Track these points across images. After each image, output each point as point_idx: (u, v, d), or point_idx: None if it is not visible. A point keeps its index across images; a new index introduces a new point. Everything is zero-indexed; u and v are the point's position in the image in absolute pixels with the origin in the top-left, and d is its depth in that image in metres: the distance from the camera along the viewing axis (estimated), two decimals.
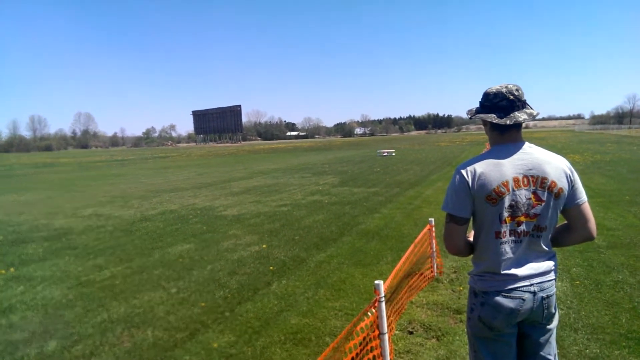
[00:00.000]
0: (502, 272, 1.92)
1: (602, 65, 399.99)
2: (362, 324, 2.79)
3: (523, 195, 1.88)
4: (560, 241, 2.06)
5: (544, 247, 1.96)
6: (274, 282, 5.19)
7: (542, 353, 2.00)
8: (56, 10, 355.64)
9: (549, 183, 1.89)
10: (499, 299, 1.91)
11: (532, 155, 1.92)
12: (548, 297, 1.93)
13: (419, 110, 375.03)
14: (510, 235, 1.91)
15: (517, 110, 1.93)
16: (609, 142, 37.12)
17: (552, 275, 1.96)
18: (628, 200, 9.13)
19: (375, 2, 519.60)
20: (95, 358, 3.61)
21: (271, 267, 5.77)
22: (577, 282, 4.69)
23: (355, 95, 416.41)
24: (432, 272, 5.04)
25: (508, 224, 1.90)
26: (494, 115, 1.94)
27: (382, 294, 2.92)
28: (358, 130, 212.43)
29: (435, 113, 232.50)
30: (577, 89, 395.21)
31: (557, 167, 1.92)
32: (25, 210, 12.14)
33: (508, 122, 1.90)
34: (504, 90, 1.95)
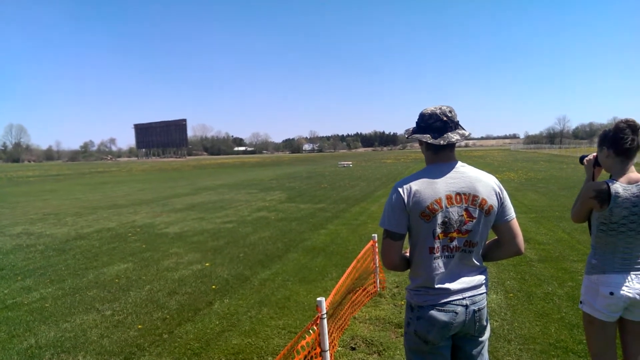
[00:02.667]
0: (436, 286, 1.97)
1: (535, 87, 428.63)
2: (304, 342, 2.78)
3: (455, 212, 1.95)
4: (491, 256, 2.15)
5: (475, 261, 2.03)
6: (216, 302, 5.07)
7: (474, 353, 2.07)
8: None
9: (479, 200, 1.97)
10: (433, 312, 1.96)
11: (464, 174, 2.00)
12: (479, 309, 2.00)
13: (366, 128, 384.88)
14: (443, 250, 1.97)
15: (450, 131, 2.01)
16: (541, 160, 39.63)
17: (483, 289, 2.04)
18: (558, 216, 9.76)
19: (324, 17, 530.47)
20: None
21: (213, 286, 5.63)
22: (511, 295, 4.92)
23: (303, 112, 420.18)
24: (375, 287, 5.12)
25: (441, 240, 1.96)
26: (429, 135, 2.01)
27: (324, 311, 2.94)
28: (306, 147, 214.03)
29: (382, 131, 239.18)
30: (513, 109, 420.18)
31: (487, 185, 2.00)
32: None
33: (442, 142, 1.98)
34: (438, 111, 2.02)
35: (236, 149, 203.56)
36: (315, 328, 2.92)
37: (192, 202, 15.58)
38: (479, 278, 2.05)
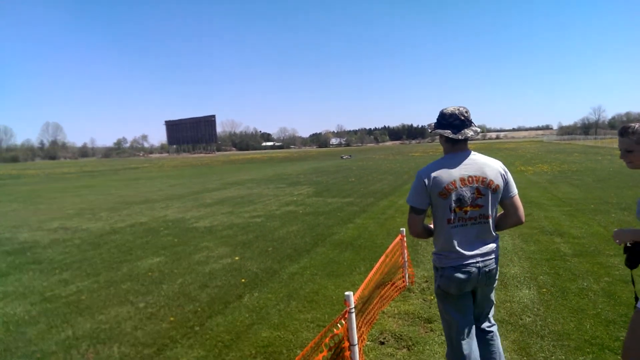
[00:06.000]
0: (454, 250, 2.51)
1: (569, 77, 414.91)
2: (332, 335, 2.79)
3: (468, 191, 2.48)
4: (499, 225, 2.65)
5: (491, 232, 2.56)
6: (246, 295, 5.13)
7: (486, 301, 2.73)
8: (20, 19, 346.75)
9: (487, 181, 2.50)
10: (452, 272, 2.52)
11: (475, 161, 2.53)
12: (490, 270, 2.56)
13: (394, 121, 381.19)
14: (458, 221, 2.50)
15: (466, 128, 2.52)
16: (576, 152, 38.36)
17: (493, 255, 2.58)
18: (593, 209, 9.43)
19: (350, 13, 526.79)
20: None
21: (243, 280, 5.71)
22: (544, 290, 4.79)
23: (331, 106, 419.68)
24: (403, 282, 5.08)
25: (457, 213, 2.49)
26: (450, 131, 2.51)
27: (352, 306, 2.93)
28: (334, 141, 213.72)
29: (410, 124, 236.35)
30: (546, 100, 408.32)
31: (494, 168, 2.54)
32: None
33: (460, 137, 2.50)
34: (457, 112, 2.53)
35: (264, 144, 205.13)
36: (343, 322, 2.91)
37: (222, 196, 15.80)
38: (492, 246, 2.58)
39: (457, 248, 2.49)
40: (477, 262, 2.51)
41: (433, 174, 2.49)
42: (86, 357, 3.77)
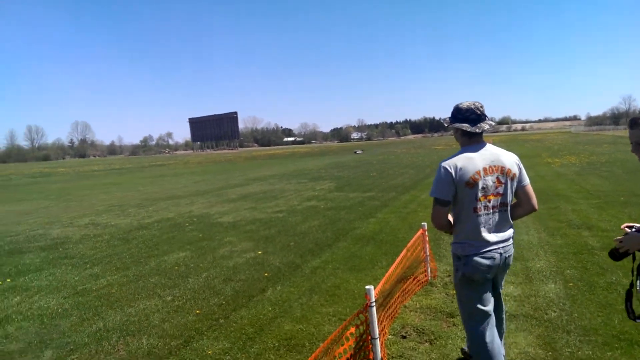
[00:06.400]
0: (479, 238, 2.59)
1: (598, 66, 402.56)
2: (353, 329, 2.82)
3: (490, 179, 2.57)
4: (514, 215, 2.73)
5: (508, 219, 2.69)
6: (269, 289, 5.21)
7: (500, 283, 2.90)
8: (51, 20, 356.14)
9: (506, 170, 2.61)
10: (477, 258, 2.59)
11: (492, 152, 2.65)
12: (509, 256, 2.74)
13: (416, 114, 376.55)
14: (484, 209, 2.59)
15: (482, 122, 2.65)
16: (605, 143, 37.29)
17: (511, 241, 2.74)
18: (623, 202, 9.18)
19: (370, 7, 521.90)
20: None
21: (266, 274, 5.80)
22: (571, 284, 4.72)
23: (351, 101, 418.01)
24: (425, 276, 5.07)
25: (482, 202, 2.58)
26: (467, 124, 2.63)
27: (373, 299, 2.95)
28: (355, 135, 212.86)
29: (432, 117, 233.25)
30: (574, 90, 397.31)
31: (509, 158, 2.67)
32: (22, 220, 12.14)
33: (477, 130, 2.63)
34: (472, 107, 2.64)
35: (285, 139, 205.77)
36: (363, 316, 2.94)
37: (245, 192, 15.99)
38: (510, 232, 2.72)
39: (483, 235, 2.58)
40: (499, 248, 2.62)
41: (459, 165, 2.55)
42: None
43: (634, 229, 2.20)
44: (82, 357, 3.79)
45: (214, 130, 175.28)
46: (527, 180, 2.71)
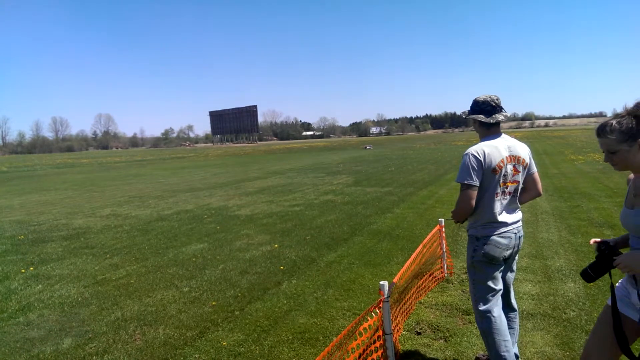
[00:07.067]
0: (498, 220, 2.80)
1: (624, 61, 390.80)
2: (366, 324, 2.81)
3: (509, 168, 2.80)
4: (521, 199, 2.97)
5: (518, 203, 2.94)
6: (284, 282, 5.24)
7: (513, 267, 3.08)
8: (76, 14, 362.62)
9: (521, 159, 2.85)
10: (496, 238, 2.80)
11: (509, 142, 2.86)
12: (521, 236, 2.94)
13: (436, 109, 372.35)
14: (502, 194, 2.82)
15: (497, 113, 2.83)
16: None
17: (521, 222, 2.95)
18: None
19: (389, 1, 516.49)
20: (108, 356, 3.69)
21: (282, 267, 5.82)
22: (591, 284, 4.60)
23: (371, 95, 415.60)
24: (442, 272, 5.02)
25: (501, 187, 2.80)
26: (482, 116, 2.83)
27: (387, 295, 2.94)
28: (374, 130, 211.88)
29: (453, 112, 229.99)
30: (600, 86, 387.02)
31: (523, 150, 2.89)
32: (45, 210, 12.45)
33: (492, 120, 2.82)
34: (488, 99, 2.82)
35: (304, 133, 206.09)
36: (377, 311, 2.93)
37: (263, 185, 16.07)
38: (520, 214, 2.95)
39: (501, 217, 2.80)
40: (514, 228, 2.85)
41: (487, 152, 2.74)
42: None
43: (602, 246, 2.05)
44: (100, 346, 3.87)
45: (233, 123, 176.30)
46: (535, 168, 2.96)
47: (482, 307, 2.88)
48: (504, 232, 2.80)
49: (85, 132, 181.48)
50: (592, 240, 2.19)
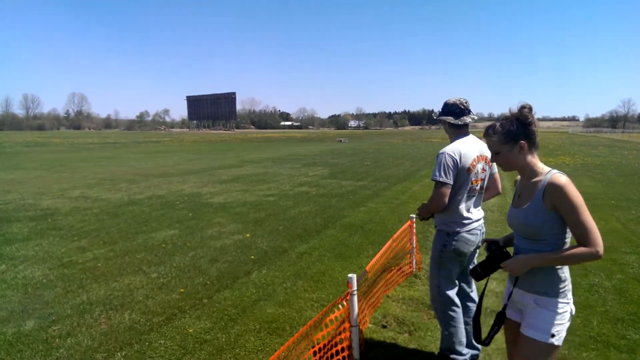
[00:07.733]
0: (467, 217, 2.98)
1: (598, 68, 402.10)
2: (333, 316, 2.85)
3: (479, 167, 2.99)
4: (484, 197, 3.16)
5: (481, 201, 3.13)
6: (254, 271, 5.24)
7: (474, 258, 3.23)
8: None
9: (488, 159, 3.03)
10: (466, 235, 2.98)
11: (477, 143, 3.03)
12: (484, 232, 3.11)
13: (414, 106, 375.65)
14: (471, 192, 2.99)
15: (465, 115, 3.02)
16: (601, 145, 37.47)
17: (483, 220, 3.12)
18: (613, 205, 9.27)
19: None
20: (72, 339, 3.64)
21: (252, 257, 5.82)
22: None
23: (350, 88, 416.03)
24: (410, 268, 5.12)
25: (472, 185, 2.97)
26: (451, 117, 3.02)
27: (355, 288, 2.98)
28: (352, 123, 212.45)
29: (431, 109, 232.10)
30: (573, 91, 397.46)
31: (487, 148, 2.80)
32: (13, 189, 12.08)
33: (459, 122, 3.01)
34: (457, 102, 3.02)
35: (282, 123, 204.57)
36: (345, 303, 2.97)
37: (237, 174, 15.96)
38: (482, 212, 3.15)
39: (469, 214, 2.99)
40: (479, 225, 3.05)
41: (462, 152, 2.90)
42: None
43: (493, 246, 2.14)
44: (64, 329, 3.81)
45: (211, 109, 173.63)
46: (496, 168, 3.18)
47: (449, 292, 3.10)
48: (472, 229, 2.99)
49: (57, 111, 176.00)
50: (482, 240, 2.53)
